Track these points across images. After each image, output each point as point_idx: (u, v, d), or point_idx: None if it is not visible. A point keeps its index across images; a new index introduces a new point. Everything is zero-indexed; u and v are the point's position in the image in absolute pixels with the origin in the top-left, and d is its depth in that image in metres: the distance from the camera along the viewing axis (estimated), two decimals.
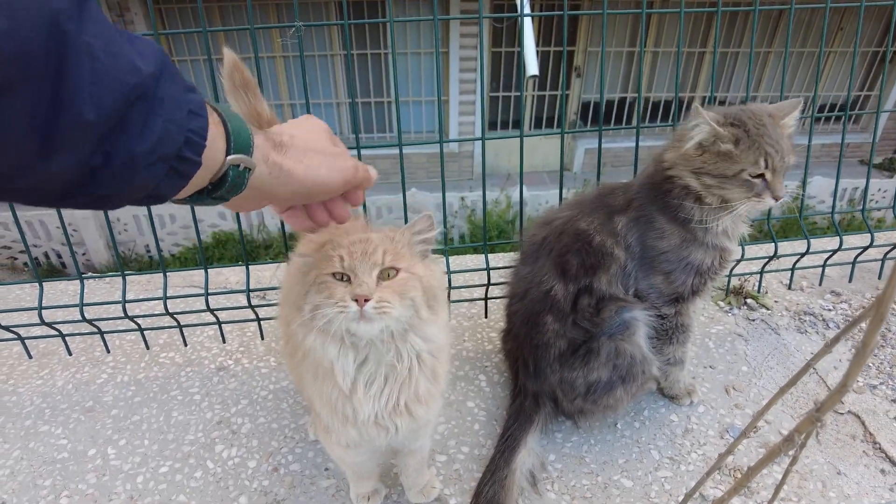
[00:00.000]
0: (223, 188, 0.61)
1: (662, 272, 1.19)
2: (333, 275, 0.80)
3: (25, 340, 1.57)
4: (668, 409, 1.39)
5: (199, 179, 0.59)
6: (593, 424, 1.35)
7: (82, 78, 0.44)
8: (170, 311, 1.52)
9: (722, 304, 1.75)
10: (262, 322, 1.61)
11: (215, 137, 0.58)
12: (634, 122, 1.63)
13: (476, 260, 2.06)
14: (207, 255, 6.27)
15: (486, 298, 1.65)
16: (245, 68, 1.06)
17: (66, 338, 1.57)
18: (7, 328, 1.50)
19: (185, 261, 6.35)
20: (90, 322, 1.52)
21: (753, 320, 1.69)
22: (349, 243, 0.80)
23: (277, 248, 6.32)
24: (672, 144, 1.19)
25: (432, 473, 1.20)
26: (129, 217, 6.49)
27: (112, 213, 6.49)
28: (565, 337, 1.23)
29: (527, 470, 1.22)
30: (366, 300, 0.76)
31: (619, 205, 1.21)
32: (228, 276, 1.98)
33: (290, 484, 1.21)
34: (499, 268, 1.60)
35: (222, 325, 1.59)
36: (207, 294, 1.51)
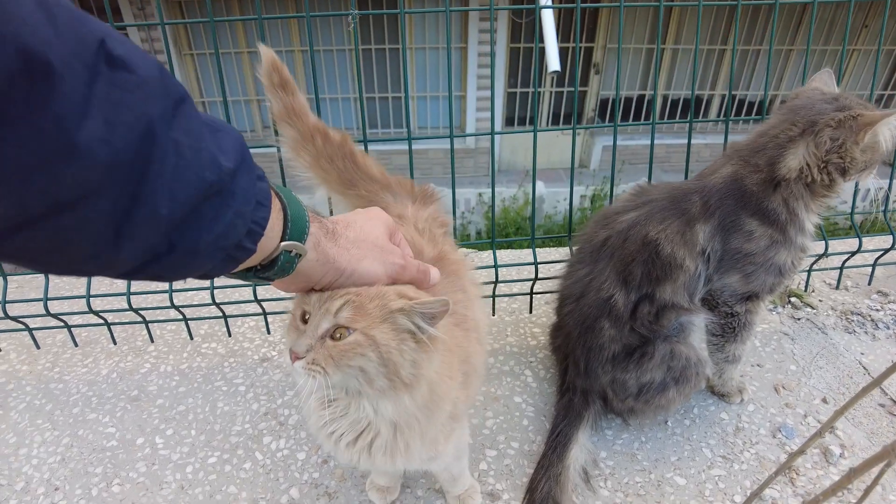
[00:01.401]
0: (272, 270, 0.61)
1: (742, 272, 1.17)
2: (303, 312, 0.71)
3: (71, 329, 1.58)
4: (717, 407, 1.38)
5: (250, 261, 0.59)
6: (643, 422, 1.33)
7: (164, 176, 0.44)
8: (214, 301, 1.52)
9: (767, 303, 1.72)
10: None
11: (274, 224, 0.58)
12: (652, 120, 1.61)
13: (510, 255, 2.04)
14: None
15: (531, 293, 1.63)
16: (283, 68, 1.04)
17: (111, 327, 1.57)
18: (55, 316, 1.50)
19: None
20: (136, 311, 1.52)
21: (799, 319, 1.66)
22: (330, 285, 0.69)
23: None
24: (791, 151, 1.15)
25: (473, 483, 1.16)
26: None
27: None
28: (620, 342, 1.21)
29: (580, 466, 1.21)
30: (297, 357, 0.67)
31: (697, 211, 1.17)
32: None
33: (340, 476, 1.20)
34: (547, 262, 1.58)
35: (267, 315, 1.59)
36: (256, 284, 1.51)
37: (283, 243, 0.60)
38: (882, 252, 1.73)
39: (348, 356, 0.67)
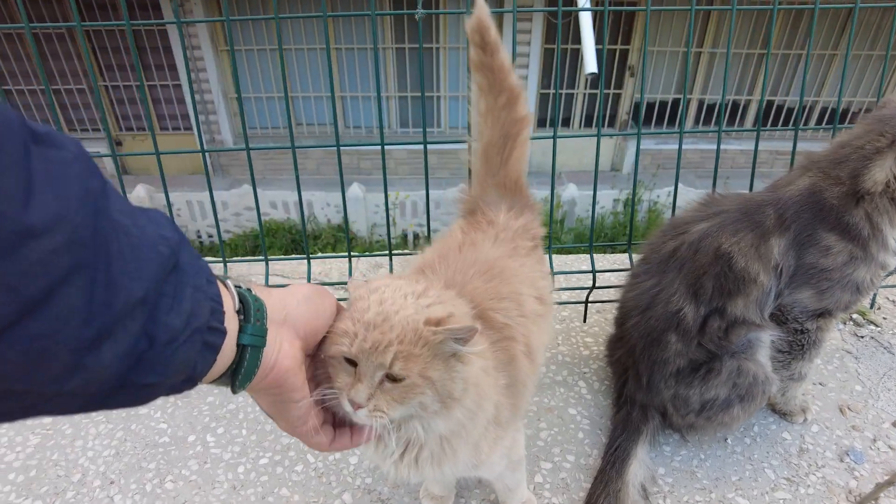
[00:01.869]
0: (240, 371, 0.57)
1: (816, 288, 1.13)
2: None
3: None
4: (779, 427, 1.33)
5: (224, 357, 0.55)
6: (703, 439, 1.29)
7: (125, 254, 0.42)
8: None
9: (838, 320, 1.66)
10: None
11: (226, 301, 0.56)
12: (687, 125, 1.57)
13: (558, 261, 2.01)
14: (258, 243, 6.36)
15: (586, 302, 1.60)
16: (489, 30, 1.03)
17: None
18: None
19: (234, 247, 6.44)
20: None
21: (862, 337, 1.60)
22: (365, 325, 0.67)
23: (325, 240, 6.37)
24: (876, 164, 1.11)
25: (530, 497, 1.13)
26: (182, 202, 6.62)
27: (163, 199, 6.66)
28: (686, 357, 1.17)
29: (639, 483, 1.18)
30: (359, 406, 0.68)
31: (771, 224, 1.13)
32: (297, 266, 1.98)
33: (393, 484, 1.19)
34: (605, 270, 1.54)
35: None
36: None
37: (243, 335, 0.57)
38: None
39: (409, 397, 0.69)
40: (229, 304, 0.57)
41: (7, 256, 0.34)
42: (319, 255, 1.76)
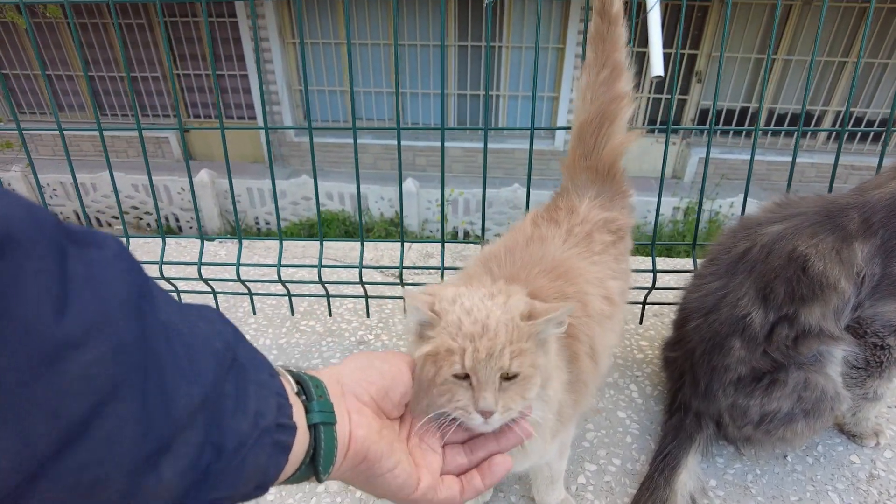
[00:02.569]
0: (319, 455, 0.53)
1: None
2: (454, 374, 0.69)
3: (180, 293, 1.64)
4: (846, 449, 1.24)
5: (296, 455, 0.51)
6: (759, 454, 1.22)
7: (178, 357, 0.39)
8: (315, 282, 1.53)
9: None
10: (394, 299, 1.60)
11: (289, 391, 0.53)
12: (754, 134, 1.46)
13: None
14: (313, 231, 6.49)
15: (644, 303, 1.54)
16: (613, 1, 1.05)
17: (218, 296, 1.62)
18: (168, 279, 1.56)
19: (290, 235, 6.60)
20: (243, 282, 1.55)
21: None
22: (469, 336, 0.66)
23: (377, 232, 6.44)
24: None
25: (568, 497, 1.10)
26: (242, 189, 6.83)
27: (224, 184, 6.88)
28: (749, 365, 1.11)
29: (688, 493, 1.12)
30: (490, 414, 0.67)
31: (855, 228, 1.05)
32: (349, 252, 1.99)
33: None
34: (667, 270, 1.49)
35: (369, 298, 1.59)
36: (361, 266, 1.50)
37: (311, 414, 0.53)
38: None
39: (527, 388, 0.69)
40: (289, 388, 0.53)
41: (42, 376, 0.30)
42: (372, 239, 1.77)
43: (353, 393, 0.60)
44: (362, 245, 1.50)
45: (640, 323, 1.59)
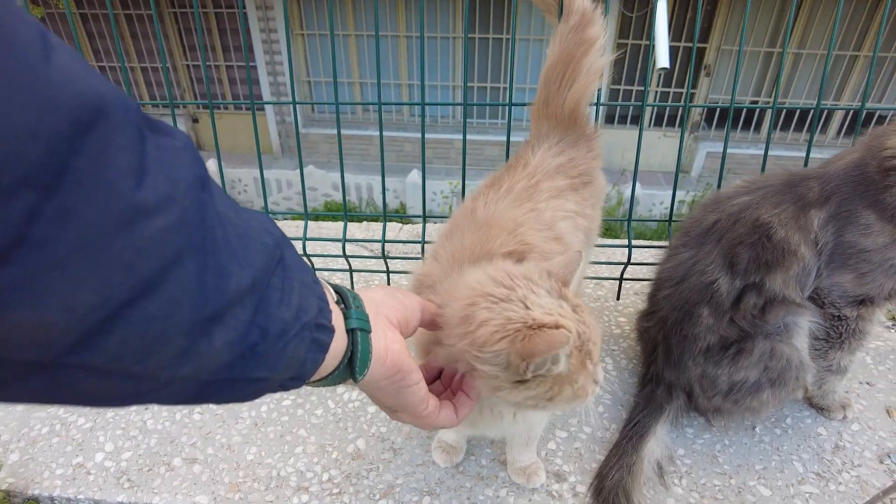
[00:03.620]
0: (356, 357, 0.59)
1: (855, 271, 1.06)
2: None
3: None
4: (814, 421, 1.26)
5: (332, 358, 0.56)
6: (728, 425, 1.24)
7: (231, 243, 0.43)
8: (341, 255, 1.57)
9: (884, 318, 1.56)
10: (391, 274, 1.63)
11: (330, 300, 0.57)
12: (764, 131, 1.47)
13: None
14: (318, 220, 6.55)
15: (620, 279, 1.56)
16: None
17: None
18: None
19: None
20: (347, 258, 1.59)
21: None
22: (587, 334, 0.70)
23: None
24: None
25: (538, 460, 1.13)
26: (249, 179, 6.90)
27: (233, 174, 6.95)
28: (717, 333, 1.13)
29: (654, 460, 1.15)
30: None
31: (814, 197, 1.07)
32: (353, 230, 2.03)
33: (406, 434, 1.21)
34: (642, 246, 1.51)
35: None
36: (385, 241, 1.53)
37: (350, 320, 0.58)
38: None
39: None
40: (329, 297, 0.57)
41: (123, 231, 0.34)
42: (356, 213, 1.80)
43: (384, 315, 0.65)
44: (346, 222, 1.54)
45: (618, 299, 1.62)
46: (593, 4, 1.12)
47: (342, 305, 0.60)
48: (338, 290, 0.62)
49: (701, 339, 1.14)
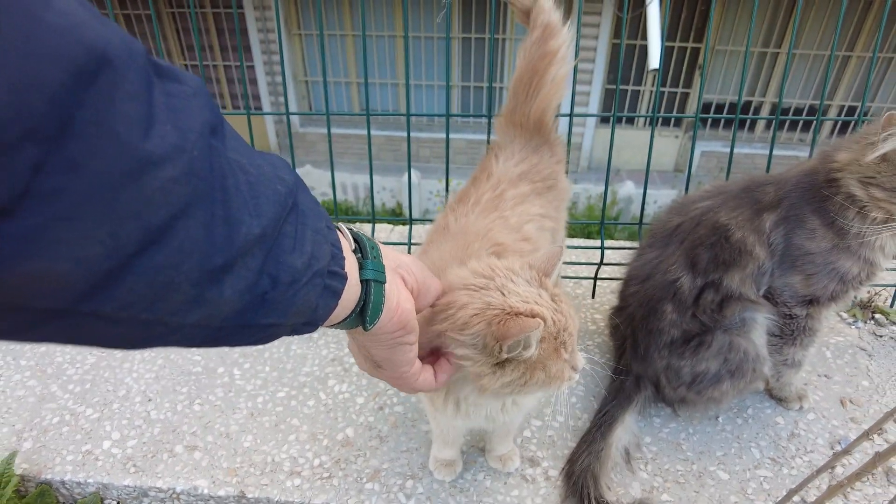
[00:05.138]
0: (368, 307, 0.60)
1: (803, 273, 1.14)
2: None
3: None
4: (774, 411, 1.35)
5: (345, 305, 0.57)
6: (693, 415, 1.33)
7: (242, 191, 0.42)
8: None
9: (845, 315, 1.65)
10: None
11: (346, 247, 0.58)
12: (758, 131, 1.56)
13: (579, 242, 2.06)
14: None
15: (595, 278, 1.65)
16: None
17: None
18: None
19: None
20: None
21: (881, 336, 1.58)
22: (562, 323, 0.77)
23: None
24: (846, 146, 1.11)
25: (516, 448, 1.22)
26: None
27: None
28: (680, 327, 1.22)
29: (622, 446, 1.24)
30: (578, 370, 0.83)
31: (768, 201, 1.16)
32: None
33: (393, 423, 1.30)
34: (614, 248, 1.60)
35: None
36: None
37: (365, 270, 0.60)
38: None
39: None
40: (346, 244, 0.58)
41: (131, 183, 0.34)
42: (350, 216, 1.88)
43: (404, 276, 0.68)
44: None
45: (593, 297, 1.71)
46: (557, 16, 1.20)
47: (359, 255, 0.61)
48: (356, 237, 0.62)
49: (665, 333, 1.23)
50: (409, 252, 1.62)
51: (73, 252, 0.33)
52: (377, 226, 2.04)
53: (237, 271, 0.43)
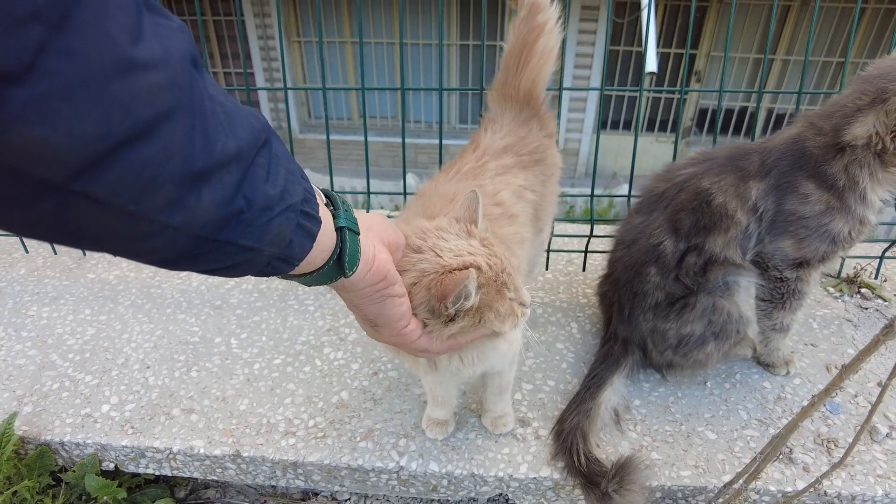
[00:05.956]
0: (345, 253, 0.64)
1: (795, 237, 1.18)
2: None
3: None
4: (761, 377, 1.37)
5: (318, 253, 0.61)
6: (682, 379, 1.36)
7: (217, 115, 0.47)
8: None
9: (832, 290, 1.68)
10: None
11: (320, 200, 0.62)
12: (755, 131, 1.60)
13: (573, 227, 2.09)
14: None
15: (586, 251, 1.68)
16: None
17: None
18: None
19: None
20: None
21: (867, 309, 1.61)
22: (499, 265, 0.81)
23: None
24: (851, 119, 1.14)
25: (511, 410, 1.23)
26: None
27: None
28: (664, 290, 1.25)
29: (611, 407, 1.26)
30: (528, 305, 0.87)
31: (754, 169, 1.19)
32: None
33: (387, 387, 1.32)
34: (603, 221, 1.63)
35: None
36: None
37: (338, 219, 0.64)
38: None
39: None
40: (319, 197, 0.62)
41: (121, 76, 0.38)
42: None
43: (375, 233, 0.72)
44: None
45: (584, 270, 1.74)
46: None
47: (331, 208, 0.65)
48: (328, 194, 0.67)
49: (649, 296, 1.25)
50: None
51: (69, 127, 0.37)
52: None
53: (214, 183, 0.47)
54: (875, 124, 1.12)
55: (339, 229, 0.64)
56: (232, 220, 0.50)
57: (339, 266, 0.65)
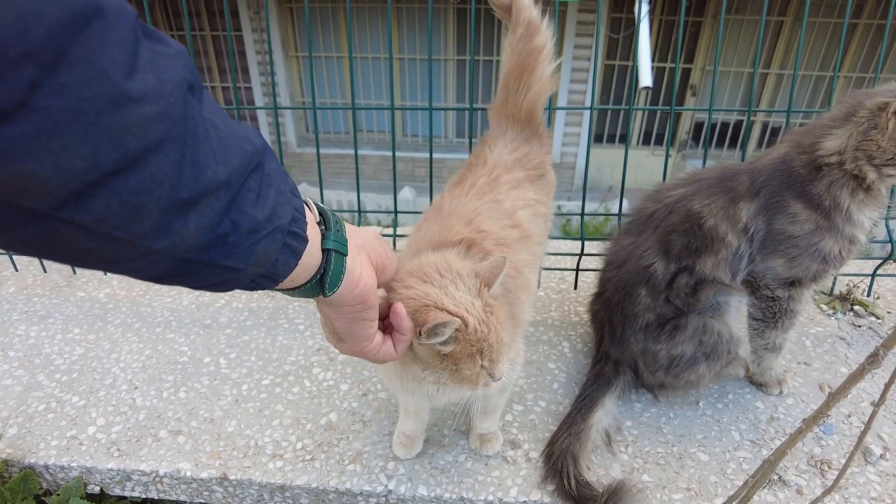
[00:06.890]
0: (328, 275, 0.65)
1: (786, 256, 1.17)
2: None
3: None
4: (754, 396, 1.36)
5: (303, 270, 0.62)
6: (674, 400, 1.35)
7: (210, 141, 0.47)
8: None
9: (825, 307, 1.67)
10: None
11: (310, 219, 0.63)
12: (750, 149, 1.61)
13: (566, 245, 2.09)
14: None
15: (577, 269, 1.68)
16: None
17: None
18: None
19: None
20: None
21: (860, 327, 1.60)
22: (484, 333, 0.82)
23: None
24: (825, 133, 1.14)
25: (498, 430, 1.22)
26: None
27: None
28: (655, 311, 1.24)
29: (602, 429, 1.25)
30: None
31: (743, 190, 1.19)
32: None
33: (376, 409, 1.31)
34: (594, 238, 1.62)
35: None
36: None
37: (326, 240, 0.64)
38: None
39: (511, 349, 0.93)
40: (311, 216, 0.63)
41: (112, 112, 0.39)
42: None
43: (368, 254, 0.73)
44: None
45: (575, 288, 1.73)
46: (536, 13, 1.25)
47: (323, 227, 0.66)
48: (321, 211, 0.68)
49: (640, 317, 1.25)
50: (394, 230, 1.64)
51: (57, 161, 0.38)
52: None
53: (202, 209, 0.48)
54: (848, 139, 1.12)
55: (325, 251, 0.65)
56: (217, 244, 0.50)
57: (321, 286, 0.66)
